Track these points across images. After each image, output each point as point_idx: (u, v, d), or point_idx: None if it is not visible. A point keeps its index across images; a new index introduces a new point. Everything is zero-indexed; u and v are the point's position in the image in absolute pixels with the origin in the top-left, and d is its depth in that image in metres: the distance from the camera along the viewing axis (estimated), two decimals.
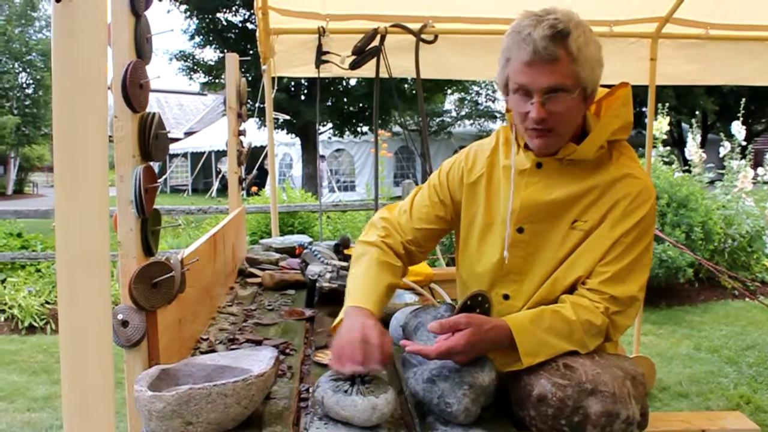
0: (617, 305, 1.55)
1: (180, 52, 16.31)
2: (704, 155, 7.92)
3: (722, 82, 4.43)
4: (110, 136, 1.43)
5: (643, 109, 20.96)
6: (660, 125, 7.67)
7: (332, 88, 15.42)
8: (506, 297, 1.67)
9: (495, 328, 1.47)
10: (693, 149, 7.91)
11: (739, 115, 7.96)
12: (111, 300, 1.10)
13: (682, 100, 19.87)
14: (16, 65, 24.63)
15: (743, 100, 8.33)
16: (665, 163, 7.94)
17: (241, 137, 3.42)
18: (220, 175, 22.34)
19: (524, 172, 1.64)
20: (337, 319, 1.57)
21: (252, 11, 14.39)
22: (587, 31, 1.51)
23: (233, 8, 15.37)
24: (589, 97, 1.56)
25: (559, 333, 1.49)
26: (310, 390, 1.51)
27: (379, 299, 1.62)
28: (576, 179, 1.59)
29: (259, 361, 1.42)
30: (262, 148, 14.95)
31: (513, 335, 1.47)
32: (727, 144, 7.82)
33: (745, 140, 7.95)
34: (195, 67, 16.38)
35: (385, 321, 1.99)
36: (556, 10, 1.51)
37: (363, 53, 3.77)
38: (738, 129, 7.80)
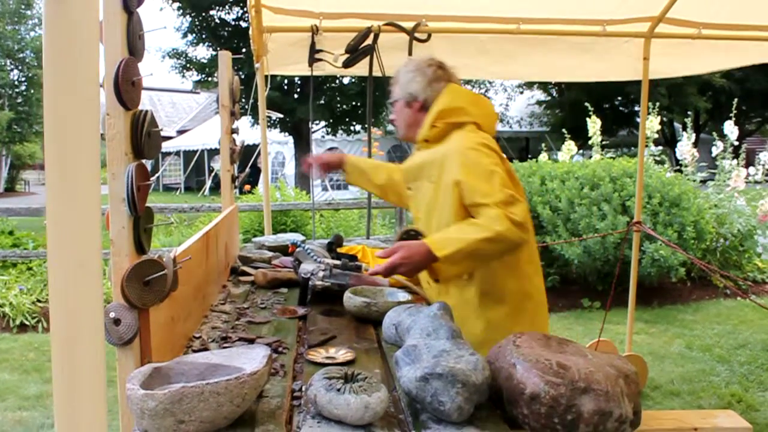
0: (503, 203, 2.03)
1: (173, 49, 16.28)
2: (696, 154, 7.95)
3: (703, 72, 4.51)
4: (102, 134, 1.42)
5: (635, 108, 21.05)
6: (651, 124, 7.70)
7: (325, 87, 15.41)
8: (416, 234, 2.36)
9: (419, 244, 2.00)
10: (685, 148, 7.93)
11: (731, 115, 7.99)
12: (103, 299, 1.09)
13: (674, 99, 19.93)
14: (8, 63, 24.52)
15: (735, 100, 8.36)
16: (657, 162, 7.96)
17: (234, 135, 3.41)
18: (212, 174, 22.29)
19: (412, 154, 2.51)
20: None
21: (245, 9, 14.36)
22: (409, 65, 2.44)
23: (226, 6, 15.34)
24: (411, 102, 2.39)
25: (465, 230, 2.02)
26: (303, 388, 1.51)
27: (356, 165, 2.86)
28: (430, 149, 2.34)
29: (251, 359, 1.42)
30: (255, 146, 14.92)
31: (427, 243, 2.00)
32: (719, 143, 7.85)
33: (737, 140, 7.98)
34: (188, 65, 16.35)
35: (378, 320, 2.00)
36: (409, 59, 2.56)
37: (356, 52, 3.76)
38: (731, 129, 7.83)
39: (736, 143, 7.93)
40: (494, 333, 2.07)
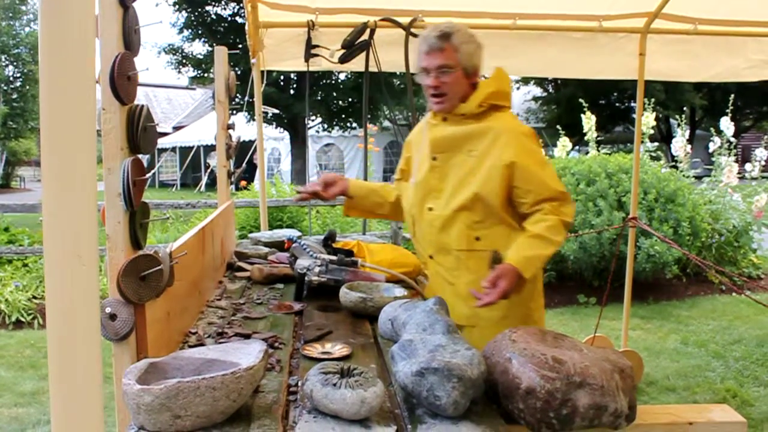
0: (555, 200, 2.23)
1: (169, 45, 16.25)
2: (689, 151, 7.95)
3: (705, 78, 4.49)
4: (98, 129, 1.42)
5: (632, 104, 21.04)
6: (647, 120, 7.70)
7: (321, 83, 15.40)
8: (430, 209, 2.36)
9: (510, 269, 2.11)
10: (679, 144, 7.94)
11: (727, 111, 8.00)
12: (99, 294, 1.09)
13: (671, 96, 19.90)
14: (4, 58, 24.42)
15: (731, 96, 8.37)
16: (652, 158, 7.97)
17: (230, 131, 3.40)
18: (208, 170, 22.26)
19: (435, 126, 2.40)
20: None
21: (241, 4, 14.32)
22: (466, 34, 2.30)
23: (222, 1, 15.31)
24: (471, 75, 2.31)
25: (538, 247, 2.17)
26: (299, 383, 1.51)
27: (360, 184, 2.67)
28: (467, 124, 2.32)
29: (247, 354, 1.42)
30: (251, 142, 14.92)
31: (516, 266, 2.12)
32: (716, 140, 7.86)
33: (733, 136, 7.99)
34: (184, 61, 16.32)
35: (374, 315, 2.00)
36: (449, 23, 2.37)
37: (352, 47, 3.76)
38: (727, 125, 7.83)
39: (733, 139, 7.93)
40: (516, 308, 2.31)
